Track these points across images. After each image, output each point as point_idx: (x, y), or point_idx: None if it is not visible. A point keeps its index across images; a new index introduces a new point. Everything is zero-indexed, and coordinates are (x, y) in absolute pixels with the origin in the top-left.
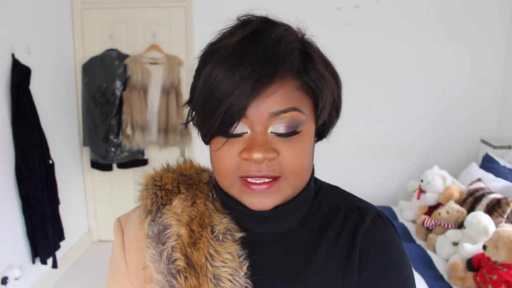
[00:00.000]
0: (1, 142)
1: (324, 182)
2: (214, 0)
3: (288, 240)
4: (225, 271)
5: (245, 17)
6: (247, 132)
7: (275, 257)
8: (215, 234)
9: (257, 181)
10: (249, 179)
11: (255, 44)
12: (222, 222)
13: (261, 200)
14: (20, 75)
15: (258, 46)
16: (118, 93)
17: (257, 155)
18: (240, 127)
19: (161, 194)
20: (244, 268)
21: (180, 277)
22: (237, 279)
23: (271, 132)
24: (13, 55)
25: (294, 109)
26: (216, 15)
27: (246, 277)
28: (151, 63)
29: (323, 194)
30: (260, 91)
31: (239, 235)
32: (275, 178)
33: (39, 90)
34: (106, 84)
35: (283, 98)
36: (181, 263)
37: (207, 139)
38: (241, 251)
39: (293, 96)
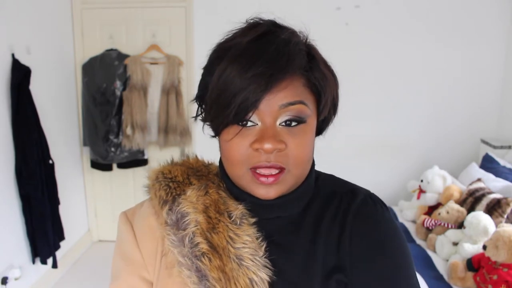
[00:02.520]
0: (1, 142)
1: (320, 171)
2: (214, 0)
3: (294, 225)
4: (246, 251)
5: (253, 20)
6: (257, 124)
7: (284, 239)
8: (232, 219)
9: (265, 173)
10: (258, 171)
11: (267, 44)
12: (238, 208)
13: (268, 190)
14: (20, 75)
15: (269, 46)
16: (118, 93)
17: (267, 145)
18: (252, 119)
19: (173, 186)
20: (262, 248)
21: (204, 259)
22: (257, 258)
23: (279, 124)
24: (13, 55)
25: (301, 102)
26: (216, 15)
27: (264, 257)
28: (151, 63)
29: (320, 181)
30: (272, 86)
31: (253, 220)
32: (280, 171)
33: (39, 90)
34: (106, 84)
35: (292, 92)
36: (204, 246)
37: (219, 131)
38: (257, 233)
39: (300, 91)
